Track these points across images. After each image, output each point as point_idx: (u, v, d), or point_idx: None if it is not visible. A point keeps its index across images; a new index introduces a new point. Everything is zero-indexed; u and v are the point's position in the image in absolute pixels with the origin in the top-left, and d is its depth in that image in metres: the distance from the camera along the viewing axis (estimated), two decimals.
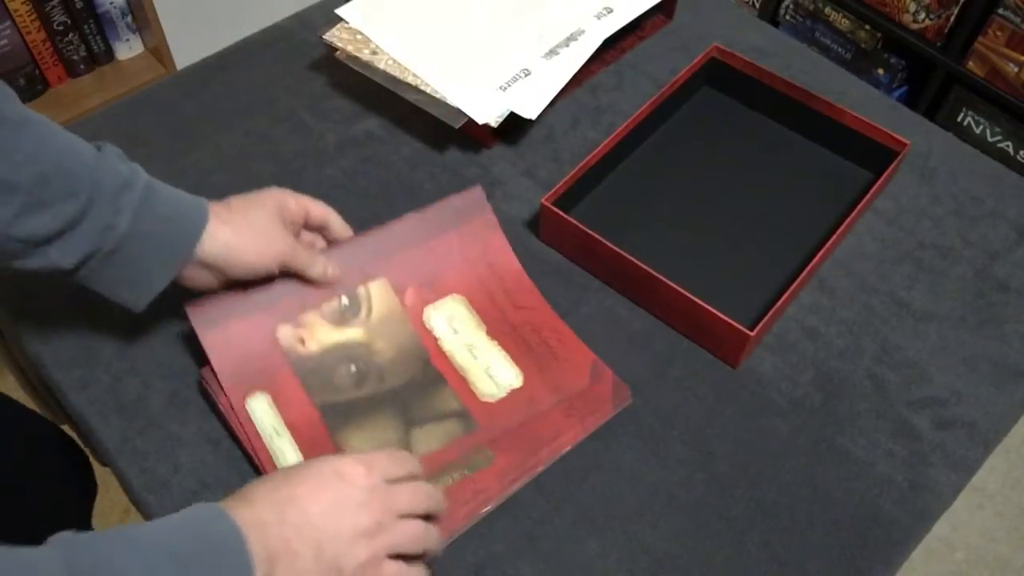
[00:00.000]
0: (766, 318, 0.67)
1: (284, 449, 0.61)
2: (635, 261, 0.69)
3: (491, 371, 0.67)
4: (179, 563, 0.44)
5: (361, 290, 0.68)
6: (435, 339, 0.68)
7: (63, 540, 0.43)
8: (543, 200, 0.73)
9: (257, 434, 0.61)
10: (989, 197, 0.82)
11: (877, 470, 0.65)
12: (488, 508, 0.61)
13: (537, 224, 0.76)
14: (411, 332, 0.68)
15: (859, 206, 0.75)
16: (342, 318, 0.67)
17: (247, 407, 0.62)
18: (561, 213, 0.72)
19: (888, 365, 0.70)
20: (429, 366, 0.67)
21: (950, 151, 0.85)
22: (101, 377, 0.67)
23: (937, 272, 0.76)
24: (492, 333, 0.69)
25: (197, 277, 0.62)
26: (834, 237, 0.72)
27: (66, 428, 0.86)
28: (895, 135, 0.78)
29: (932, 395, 0.69)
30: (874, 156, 0.80)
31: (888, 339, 0.72)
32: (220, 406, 0.63)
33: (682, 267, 0.72)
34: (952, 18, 1.63)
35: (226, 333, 0.64)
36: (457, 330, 0.68)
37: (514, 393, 0.66)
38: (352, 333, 0.67)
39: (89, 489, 0.90)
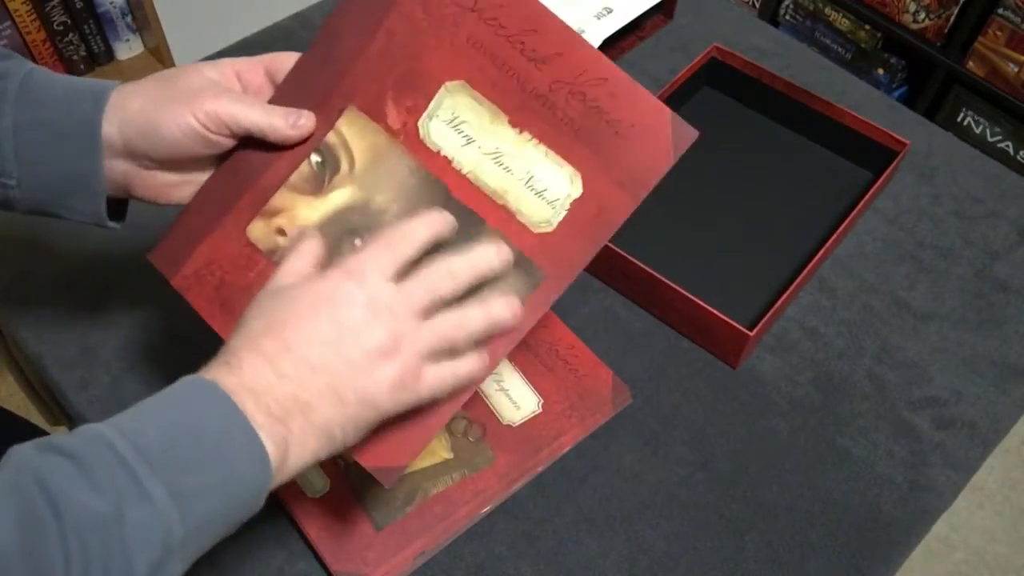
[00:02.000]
0: (766, 318, 0.67)
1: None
2: (635, 261, 0.69)
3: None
4: (182, 470, 0.40)
5: (331, 136, 0.52)
6: (446, 160, 0.50)
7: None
8: None
9: None
10: (989, 197, 0.82)
11: (877, 470, 0.65)
12: (488, 508, 0.61)
13: None
14: (412, 164, 0.50)
15: (859, 206, 0.75)
16: (319, 181, 0.52)
17: None
18: None
19: (888, 365, 0.70)
20: (452, 202, 0.49)
21: (950, 151, 0.85)
22: (101, 377, 0.67)
23: (937, 272, 0.76)
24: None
25: (134, 177, 0.53)
26: (834, 237, 0.72)
27: (66, 428, 0.85)
28: (895, 135, 0.78)
29: (932, 395, 0.69)
30: (874, 156, 0.80)
31: (888, 339, 0.72)
32: None
33: (682, 267, 0.72)
34: (952, 18, 1.63)
35: (196, 264, 0.53)
36: (471, 137, 0.49)
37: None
38: (339, 197, 0.51)
39: None
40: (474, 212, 0.49)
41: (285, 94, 0.52)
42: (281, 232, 0.52)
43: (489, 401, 0.65)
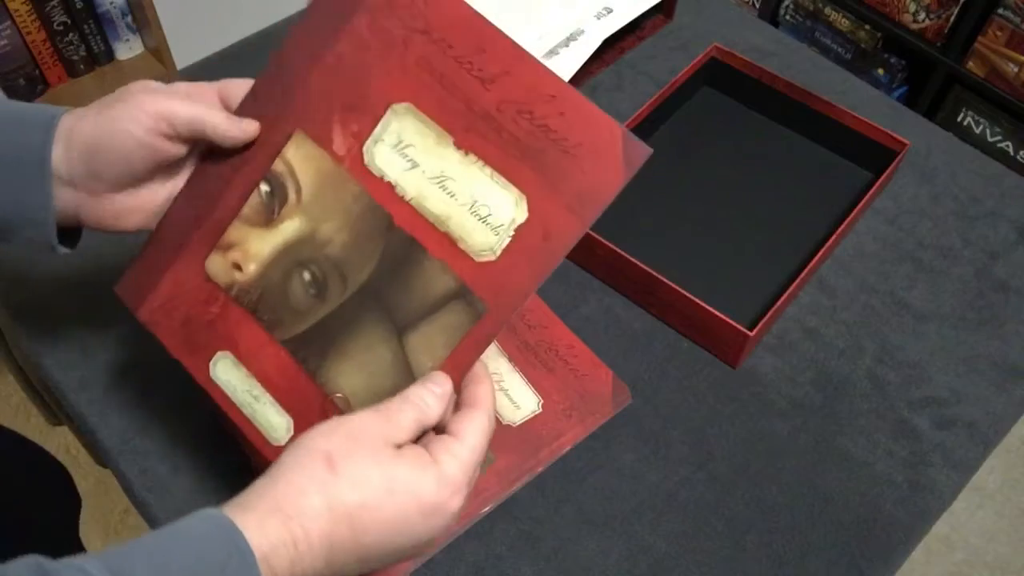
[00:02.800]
0: (766, 318, 0.67)
1: (269, 417, 0.50)
2: (635, 261, 0.69)
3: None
4: None
5: (278, 164, 0.50)
6: (389, 186, 0.48)
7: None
8: None
9: (236, 409, 0.51)
10: (989, 197, 0.82)
11: (877, 470, 0.65)
12: (488, 508, 0.61)
13: None
14: (356, 191, 0.49)
15: (859, 206, 0.75)
16: (270, 212, 0.50)
17: (213, 378, 0.52)
18: None
19: (888, 365, 0.70)
20: (395, 231, 0.48)
21: (950, 151, 0.85)
22: (101, 377, 0.67)
23: (937, 272, 0.76)
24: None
25: (82, 205, 0.51)
26: (834, 237, 0.72)
27: (66, 428, 0.86)
28: (895, 135, 0.78)
29: (932, 395, 0.69)
30: (874, 156, 0.80)
31: (888, 339, 0.72)
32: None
33: (682, 267, 0.72)
34: (952, 18, 1.63)
35: (159, 299, 0.53)
36: (416, 162, 0.47)
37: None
38: (288, 228, 0.50)
39: (73, 504, 0.89)
40: (416, 241, 0.47)
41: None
42: (237, 267, 0.52)
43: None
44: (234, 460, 0.63)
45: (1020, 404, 0.69)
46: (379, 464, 0.42)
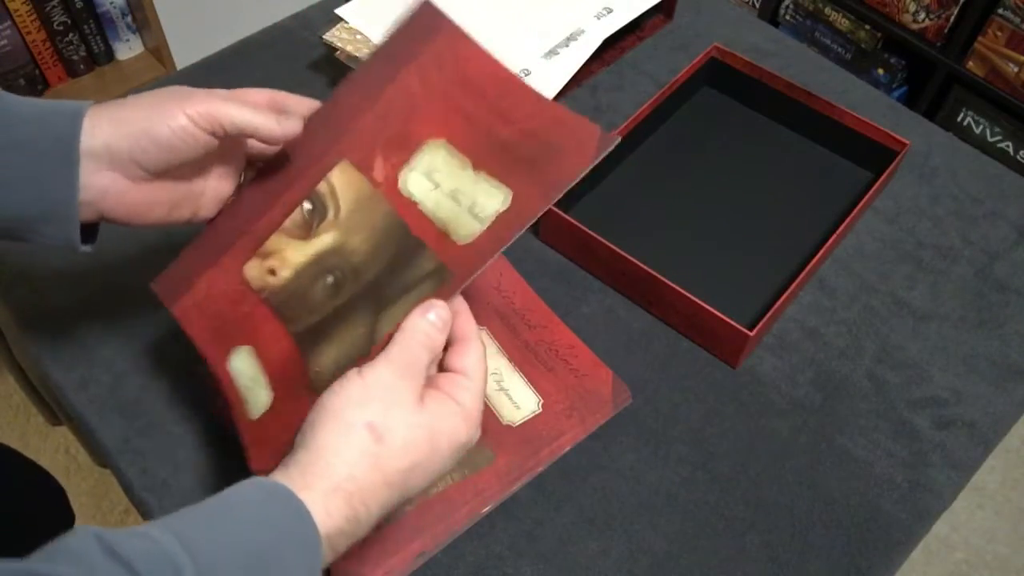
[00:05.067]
0: (766, 318, 0.67)
1: (259, 397, 0.54)
2: (635, 261, 0.69)
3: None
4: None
5: (322, 186, 0.56)
6: (414, 204, 0.54)
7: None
8: None
9: (237, 394, 0.55)
10: (989, 197, 0.82)
11: (877, 470, 0.65)
12: (488, 508, 0.61)
13: (537, 224, 0.76)
14: (387, 210, 0.55)
15: (859, 206, 0.75)
16: (309, 227, 0.56)
17: (229, 368, 0.55)
18: (561, 213, 0.72)
19: (888, 365, 0.70)
20: (410, 238, 0.54)
21: (950, 151, 0.85)
22: (101, 377, 0.67)
23: (937, 272, 0.76)
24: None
25: (113, 194, 0.52)
26: (834, 237, 0.72)
27: (66, 428, 0.86)
28: (895, 135, 0.78)
29: (932, 395, 0.69)
30: (874, 156, 0.80)
31: (888, 339, 0.72)
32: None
33: (682, 267, 0.72)
34: (952, 18, 1.63)
35: (194, 297, 0.57)
36: (438, 183, 0.54)
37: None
38: (324, 241, 0.56)
39: (67, 522, 0.89)
40: (422, 242, 0.53)
41: (290, 145, 0.57)
42: (272, 272, 0.56)
43: (489, 401, 0.65)
44: (235, 460, 0.63)
45: (1020, 404, 0.69)
46: (419, 424, 0.45)
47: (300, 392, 0.52)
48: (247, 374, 0.55)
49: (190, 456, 0.63)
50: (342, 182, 0.56)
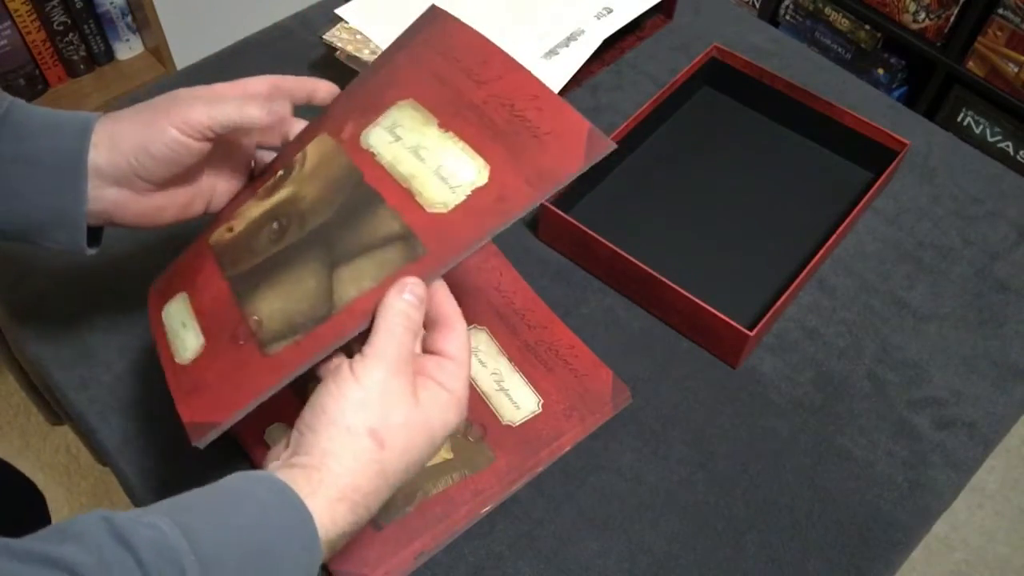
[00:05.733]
0: (766, 318, 0.67)
1: (186, 340, 0.52)
2: (635, 261, 0.69)
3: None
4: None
5: (298, 156, 0.56)
6: (371, 155, 0.52)
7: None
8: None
9: (164, 336, 0.54)
10: (989, 197, 0.82)
11: (877, 470, 0.65)
12: (488, 508, 0.61)
13: (537, 224, 0.76)
14: (344, 161, 0.54)
15: (859, 206, 0.75)
16: (276, 187, 0.56)
17: (162, 314, 0.55)
18: (561, 213, 0.72)
19: (888, 365, 0.70)
20: (361, 186, 0.52)
21: (950, 151, 0.85)
22: (101, 377, 0.67)
23: (937, 272, 0.76)
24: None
25: (121, 204, 0.54)
26: (834, 237, 0.72)
27: (66, 428, 0.86)
28: (895, 135, 0.78)
29: (932, 395, 0.69)
30: (874, 156, 0.80)
31: (888, 339, 0.72)
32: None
33: (682, 267, 0.72)
34: (952, 18, 1.63)
35: (166, 273, 0.58)
36: (400, 136, 0.52)
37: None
38: (280, 195, 0.55)
39: (43, 523, 0.89)
40: (377, 193, 0.51)
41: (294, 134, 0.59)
42: (230, 229, 0.55)
43: (489, 401, 0.65)
44: (235, 461, 0.63)
45: (1020, 404, 0.69)
46: (417, 422, 0.45)
47: (235, 339, 0.50)
48: (177, 318, 0.54)
49: (190, 456, 0.63)
50: (313, 147, 0.56)
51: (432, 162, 0.50)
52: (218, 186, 0.58)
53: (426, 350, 0.49)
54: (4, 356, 0.84)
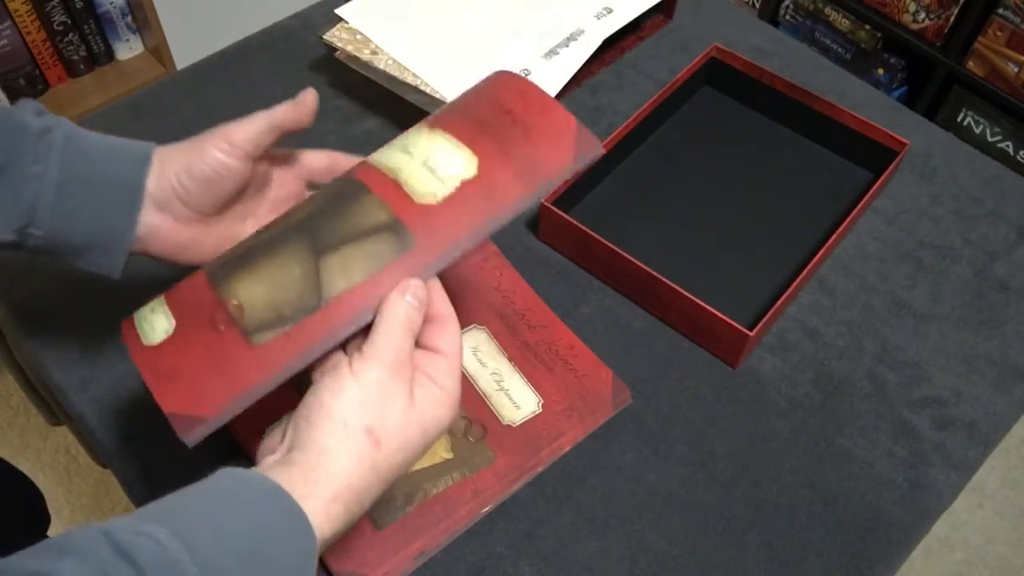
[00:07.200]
0: (766, 318, 0.67)
1: (154, 322, 0.50)
2: (635, 261, 0.69)
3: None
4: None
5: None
6: (364, 161, 0.53)
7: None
8: (543, 200, 0.73)
9: (132, 321, 0.52)
10: (989, 197, 0.82)
11: (877, 470, 0.65)
12: (488, 508, 0.61)
13: (537, 224, 0.76)
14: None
15: (859, 206, 0.75)
16: None
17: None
18: (561, 213, 0.72)
19: (888, 365, 0.70)
20: (348, 178, 0.51)
21: (950, 151, 0.85)
22: (101, 377, 0.67)
23: (937, 272, 0.76)
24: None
25: (158, 232, 0.55)
26: (834, 237, 0.72)
27: (66, 428, 0.86)
28: (895, 135, 0.78)
29: (932, 395, 0.69)
30: (874, 156, 0.80)
31: (888, 339, 0.72)
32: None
33: (682, 267, 0.72)
34: (952, 18, 1.63)
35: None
36: (391, 141, 0.53)
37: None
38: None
39: (42, 521, 0.89)
40: (363, 183, 0.50)
41: None
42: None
43: (489, 401, 0.65)
44: (236, 461, 0.63)
45: (1020, 404, 0.69)
46: (412, 421, 0.46)
47: (213, 324, 0.48)
48: (146, 305, 0.52)
49: (190, 456, 0.63)
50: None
51: (419, 155, 0.50)
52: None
53: (418, 345, 0.49)
54: (4, 356, 0.84)
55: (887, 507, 0.63)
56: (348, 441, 0.44)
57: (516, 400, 0.65)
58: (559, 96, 0.85)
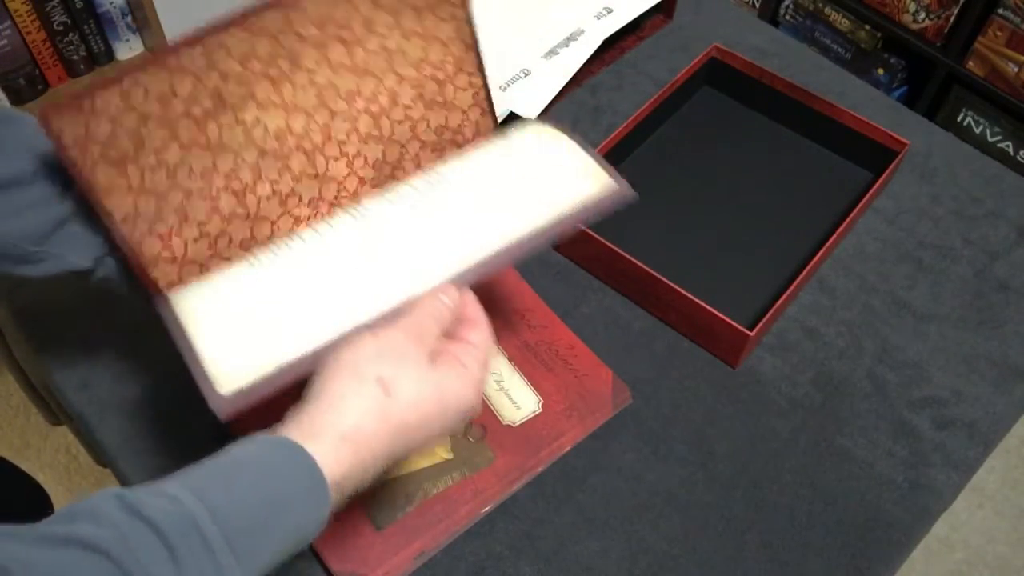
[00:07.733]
0: (766, 318, 0.67)
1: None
2: (635, 261, 0.69)
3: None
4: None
5: None
6: None
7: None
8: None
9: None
10: (989, 197, 0.82)
11: (877, 470, 0.65)
12: (488, 508, 0.61)
13: None
14: None
15: (859, 206, 0.75)
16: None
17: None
18: None
19: (888, 365, 0.70)
20: None
21: (950, 151, 0.85)
22: (101, 377, 0.67)
23: (937, 272, 0.76)
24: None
25: None
26: (834, 237, 0.72)
27: (66, 428, 0.86)
28: (895, 135, 0.78)
29: (932, 395, 0.69)
30: (874, 156, 0.80)
31: (888, 339, 0.72)
32: None
33: (682, 267, 0.72)
34: (952, 18, 1.63)
35: None
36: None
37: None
38: None
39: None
40: None
41: None
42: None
43: (489, 401, 0.65)
44: None
45: (1020, 404, 0.69)
46: (428, 381, 0.47)
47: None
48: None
49: (190, 456, 0.63)
50: None
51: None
52: None
53: (451, 338, 0.51)
54: (4, 356, 0.84)
55: (887, 507, 0.63)
56: (359, 386, 0.45)
57: (516, 400, 0.65)
58: (559, 96, 0.85)
